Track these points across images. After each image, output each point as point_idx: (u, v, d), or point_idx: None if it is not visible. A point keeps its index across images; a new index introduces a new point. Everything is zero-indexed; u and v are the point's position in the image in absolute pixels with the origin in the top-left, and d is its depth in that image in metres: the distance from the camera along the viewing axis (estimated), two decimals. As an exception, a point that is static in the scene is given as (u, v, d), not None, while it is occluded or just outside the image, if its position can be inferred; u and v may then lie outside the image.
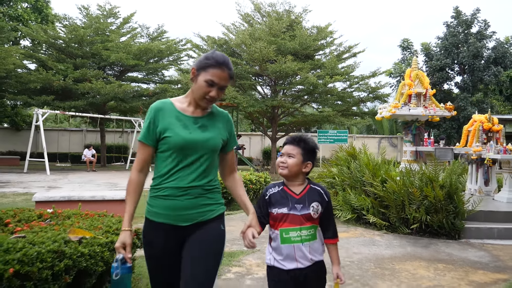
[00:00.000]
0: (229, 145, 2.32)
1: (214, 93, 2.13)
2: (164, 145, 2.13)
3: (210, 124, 2.21)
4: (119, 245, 2.08)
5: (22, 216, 3.86)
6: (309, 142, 2.31)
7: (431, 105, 8.25)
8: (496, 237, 6.16)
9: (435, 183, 6.25)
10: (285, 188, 2.29)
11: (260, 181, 9.77)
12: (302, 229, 2.19)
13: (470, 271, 4.55)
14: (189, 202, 2.10)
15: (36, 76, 18.29)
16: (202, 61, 2.15)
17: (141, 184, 2.19)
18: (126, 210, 2.14)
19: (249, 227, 2.12)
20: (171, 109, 2.19)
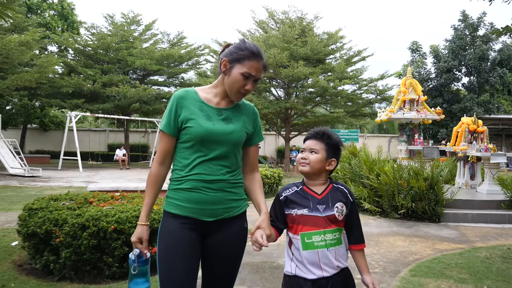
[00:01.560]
0: (253, 139, 2.19)
1: (250, 86, 2.04)
2: (186, 136, 2.01)
3: (235, 117, 2.09)
4: (135, 240, 2.01)
5: (100, 197, 5.25)
6: (334, 137, 2.09)
7: (423, 110, 9.53)
8: (470, 221, 7.42)
9: (419, 176, 7.54)
10: (305, 187, 2.06)
11: (274, 176, 11.12)
12: (327, 232, 1.96)
13: (437, 243, 5.85)
14: (214, 196, 1.98)
15: (68, 81, 19.93)
16: (235, 52, 2.02)
17: (162, 177, 2.08)
18: (144, 203, 2.05)
19: (259, 228, 1.93)
20: (194, 98, 2.07)
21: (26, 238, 4.19)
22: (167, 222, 2.01)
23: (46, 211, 4.21)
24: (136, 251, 2.01)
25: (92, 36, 23.04)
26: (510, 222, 7.39)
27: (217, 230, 2.01)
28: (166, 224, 2.01)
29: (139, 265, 2.02)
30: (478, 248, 5.53)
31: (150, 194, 2.04)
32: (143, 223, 2.02)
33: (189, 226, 1.97)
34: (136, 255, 2.00)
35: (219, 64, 2.08)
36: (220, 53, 2.11)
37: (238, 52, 2.00)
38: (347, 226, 2.05)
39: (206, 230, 2.01)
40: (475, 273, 4.43)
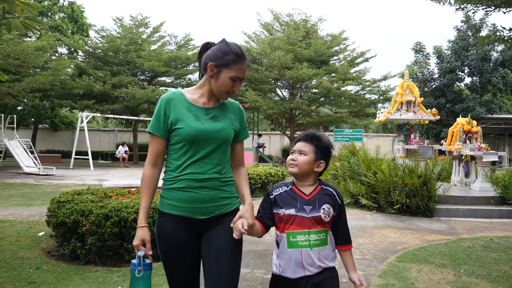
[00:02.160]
0: (240, 136, 2.25)
1: (237, 87, 2.12)
2: (176, 137, 2.07)
3: (222, 115, 2.15)
4: (138, 243, 2.02)
5: (117, 192, 5.79)
6: (323, 139, 2.14)
7: (419, 111, 10.01)
8: (461, 216, 7.90)
9: (413, 174, 8.03)
10: (294, 188, 2.12)
11: (278, 174, 11.63)
12: (311, 233, 2.01)
13: (426, 234, 6.35)
14: (207, 195, 2.04)
15: (79, 82, 20.56)
16: (221, 57, 2.07)
17: (156, 179, 2.12)
18: (141, 206, 2.08)
19: (241, 217, 1.98)
20: (182, 100, 2.12)
21: (55, 227, 4.74)
22: (162, 221, 2.09)
23: (72, 203, 4.75)
24: (142, 253, 2.00)
25: (102, 39, 23.66)
26: (499, 217, 7.86)
27: (212, 227, 2.07)
28: (161, 224, 2.09)
29: (145, 268, 1.99)
30: (463, 239, 6.02)
31: (146, 196, 2.08)
32: (143, 225, 2.04)
33: (182, 226, 2.04)
34: (142, 256, 1.99)
35: (202, 65, 2.14)
36: (200, 53, 2.18)
37: (224, 57, 2.05)
38: (334, 227, 2.09)
39: (200, 228, 2.07)
40: (456, 259, 4.93)
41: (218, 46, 2.10)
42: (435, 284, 4.06)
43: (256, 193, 10.64)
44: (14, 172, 16.13)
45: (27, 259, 4.66)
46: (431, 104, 26.69)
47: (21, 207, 8.13)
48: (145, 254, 2.00)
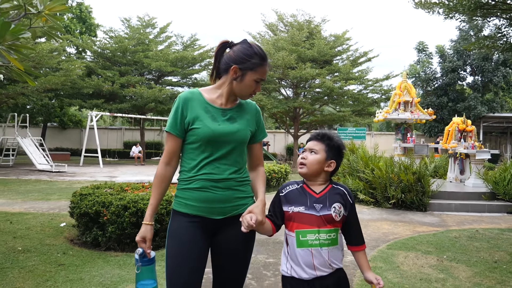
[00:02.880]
0: (257, 136, 2.24)
1: (259, 89, 2.14)
2: (193, 137, 2.06)
3: (239, 116, 2.14)
4: (139, 239, 2.03)
5: (132, 186, 6.31)
6: (335, 138, 2.11)
7: (416, 111, 10.47)
8: (453, 210, 8.37)
9: (408, 170, 8.51)
10: (304, 186, 2.09)
11: (281, 171, 12.13)
12: (321, 232, 1.96)
13: (418, 226, 6.83)
14: (223, 195, 2.04)
15: (88, 82, 21.15)
16: (246, 60, 2.06)
17: (168, 178, 2.12)
18: (150, 203, 2.08)
19: (250, 212, 1.95)
20: (199, 100, 2.12)
21: (78, 218, 5.27)
22: (176, 220, 2.07)
23: (93, 196, 5.28)
24: (139, 250, 2.01)
25: (110, 39, 24.23)
26: (489, 211, 8.32)
27: (225, 228, 2.07)
28: (175, 223, 2.06)
29: (143, 264, 2.01)
30: (451, 231, 6.50)
31: (156, 195, 2.08)
32: (148, 222, 2.04)
33: (197, 225, 2.03)
34: (139, 254, 2.00)
35: (223, 67, 2.11)
36: (218, 52, 2.16)
37: (249, 60, 2.04)
38: (346, 227, 2.06)
39: (215, 228, 2.06)
40: (440, 247, 5.42)
41: (242, 48, 2.08)
42: (419, 267, 4.55)
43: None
44: (27, 169, 16.73)
45: (53, 246, 5.19)
46: (433, 103, 27.09)
47: (39, 201, 8.68)
48: (143, 252, 2.00)
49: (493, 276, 4.29)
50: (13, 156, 18.70)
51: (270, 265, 4.60)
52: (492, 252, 5.24)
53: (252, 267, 4.46)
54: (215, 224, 2.05)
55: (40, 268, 4.32)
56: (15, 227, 6.07)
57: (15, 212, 7.20)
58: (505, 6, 4.86)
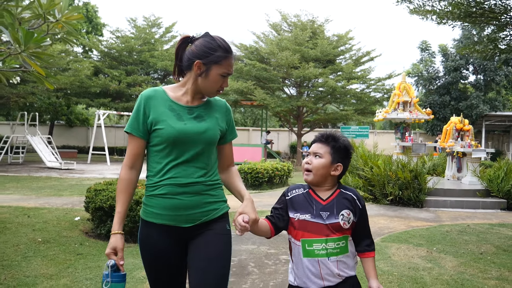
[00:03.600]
0: (227, 137, 2.12)
1: (226, 83, 2.01)
2: (157, 138, 1.92)
3: (207, 114, 2.01)
4: (110, 251, 1.86)
5: (141, 183, 6.69)
6: (340, 140, 1.99)
7: (415, 110, 10.81)
8: (448, 207, 8.71)
9: (405, 168, 8.86)
10: (310, 191, 1.98)
11: (284, 169, 12.49)
12: (329, 241, 1.87)
13: (412, 221, 7.18)
14: (191, 201, 1.90)
15: (96, 82, 21.60)
16: (209, 53, 1.93)
17: (133, 182, 1.98)
18: (117, 210, 1.93)
19: (241, 213, 1.85)
20: (163, 98, 1.98)
21: (93, 211, 5.66)
22: (145, 229, 1.96)
23: (107, 191, 5.67)
24: (111, 262, 1.82)
25: (117, 39, 24.68)
26: (483, 207, 8.67)
27: (198, 235, 1.94)
28: (144, 233, 1.96)
29: (114, 280, 1.81)
30: (444, 225, 6.86)
31: (122, 201, 1.93)
32: (116, 231, 1.88)
33: (167, 234, 1.91)
34: (110, 265, 1.80)
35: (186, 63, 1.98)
36: (179, 48, 2.03)
37: (213, 53, 1.92)
38: (355, 233, 1.95)
39: (186, 236, 1.94)
40: (432, 240, 5.78)
41: (204, 41, 1.95)
42: (409, 258, 4.92)
43: (264, 187, 11.54)
44: (37, 167, 17.18)
45: (70, 237, 5.59)
46: (435, 102, 27.36)
47: (52, 197, 9.09)
48: (115, 264, 1.83)
49: (477, 265, 4.65)
50: (23, 154, 19.16)
51: (272, 255, 4.97)
52: (480, 244, 5.59)
53: (255, 257, 4.84)
54: (185, 233, 1.92)
55: (61, 257, 4.71)
56: (33, 220, 6.48)
57: (31, 207, 7.61)
58: (492, 15, 5.21)
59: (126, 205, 1.94)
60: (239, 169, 11.43)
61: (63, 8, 4.36)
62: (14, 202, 8.18)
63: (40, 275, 4.10)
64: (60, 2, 4.16)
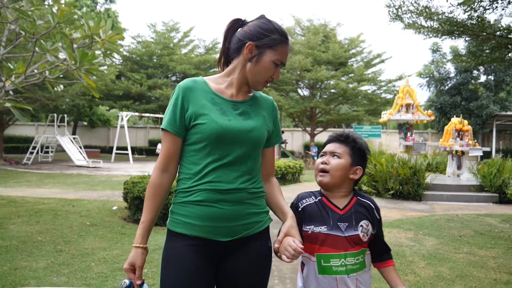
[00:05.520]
0: (272, 139, 1.83)
1: (277, 75, 1.72)
2: (196, 135, 1.63)
3: (253, 111, 1.73)
4: (127, 267, 1.59)
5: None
6: (360, 141, 1.79)
7: (417, 112, 11.67)
8: (445, 200, 9.58)
9: (405, 165, 9.75)
10: (324, 199, 1.75)
11: (296, 166, 13.44)
12: (348, 255, 1.65)
13: (408, 212, 8.09)
14: (232, 210, 1.60)
15: (119, 85, 22.85)
16: (264, 35, 1.65)
17: (166, 188, 1.67)
18: (142, 220, 1.64)
19: (287, 235, 1.60)
20: (204, 90, 1.68)
21: (131, 200, 6.71)
22: (171, 243, 1.65)
23: (142, 183, 6.71)
24: (126, 282, 1.59)
25: (138, 44, 25.93)
26: (476, 201, 9.50)
27: (234, 253, 1.66)
28: (170, 247, 1.66)
29: None
30: (435, 215, 7.74)
31: (150, 209, 1.66)
32: (138, 244, 1.63)
33: (199, 249, 1.62)
34: (125, 286, 1.58)
35: (235, 46, 1.71)
36: (229, 31, 1.76)
37: (268, 35, 1.66)
38: (374, 246, 1.77)
39: (221, 252, 1.65)
40: (420, 226, 6.69)
41: (259, 22, 1.69)
42: (397, 238, 5.85)
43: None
44: (66, 165, 18.44)
45: (112, 222, 6.64)
46: (446, 102, 27.98)
47: (88, 191, 10.21)
48: (130, 284, 1.60)
49: (453, 244, 5.56)
50: (52, 153, 20.47)
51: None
52: (461, 230, 6.49)
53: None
54: (221, 248, 1.63)
55: (108, 235, 5.76)
56: (77, 209, 7.57)
57: (73, 199, 8.71)
58: (471, 32, 6.07)
59: (153, 215, 1.65)
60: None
61: (107, 29, 5.40)
62: (56, 194, 9.32)
63: (95, 248, 5.14)
64: (104, 25, 5.20)
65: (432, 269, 4.49)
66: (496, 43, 6.36)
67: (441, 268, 4.53)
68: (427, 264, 4.64)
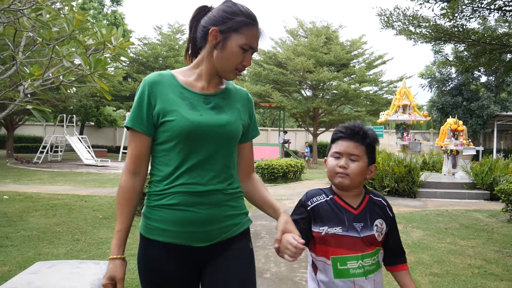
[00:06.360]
0: (249, 133, 1.72)
1: (248, 61, 1.58)
2: (165, 133, 1.51)
3: (226, 104, 1.62)
4: (106, 282, 1.45)
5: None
6: (372, 135, 1.67)
7: (414, 113, 12.11)
8: (438, 197, 10.02)
9: (401, 164, 10.20)
10: (336, 198, 1.65)
11: (297, 165, 13.91)
12: (365, 256, 1.58)
13: (402, 207, 8.54)
14: (208, 214, 1.50)
15: (126, 86, 23.42)
16: (228, 18, 1.53)
17: (138, 191, 1.57)
18: (117, 228, 1.51)
19: (285, 232, 1.50)
20: (172, 84, 1.57)
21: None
22: (145, 248, 1.55)
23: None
24: None
25: (144, 46, 26.51)
26: (468, 198, 9.94)
27: (215, 257, 1.56)
28: (144, 254, 1.55)
29: None
30: (426, 210, 8.19)
31: (125, 216, 1.52)
32: (115, 256, 1.47)
33: (175, 255, 1.52)
34: None
35: (200, 34, 1.60)
36: (194, 20, 1.64)
37: (232, 18, 1.53)
38: (386, 245, 1.71)
39: (199, 258, 1.55)
40: (410, 220, 7.15)
41: (223, 6, 1.59)
42: (386, 230, 6.31)
43: (278, 181, 13.00)
44: (75, 164, 19.01)
45: (123, 215, 7.14)
46: (448, 103, 28.35)
47: (98, 188, 10.74)
48: None
49: (437, 236, 6.02)
50: (61, 152, 21.06)
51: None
52: (448, 223, 6.94)
53: (267, 228, 6.30)
54: (199, 254, 1.54)
55: (120, 227, 6.26)
56: (89, 204, 8.08)
57: (84, 195, 9.24)
58: (456, 39, 6.52)
59: (127, 222, 1.53)
60: (257, 165, 12.91)
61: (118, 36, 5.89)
62: (69, 191, 9.85)
63: (109, 237, 5.64)
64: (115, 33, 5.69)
65: (414, 256, 4.96)
66: (481, 48, 6.78)
67: (423, 255, 5.00)
68: (410, 252, 5.11)
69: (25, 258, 4.60)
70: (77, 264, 2.75)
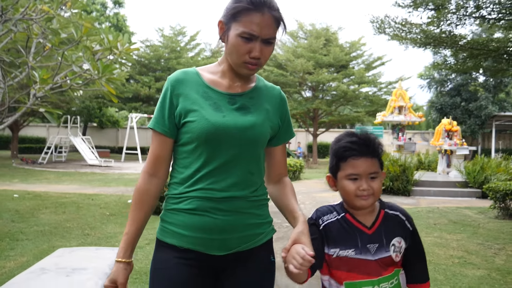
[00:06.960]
0: (281, 136, 1.60)
1: (257, 52, 1.40)
2: (186, 135, 1.44)
3: (254, 105, 1.50)
4: (108, 284, 1.42)
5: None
6: (380, 143, 1.52)
7: (409, 114, 12.49)
8: (432, 195, 10.38)
9: (395, 163, 10.56)
10: (348, 216, 1.50)
11: (296, 165, 14.26)
12: (382, 281, 1.44)
13: (395, 205, 8.89)
14: (227, 220, 1.41)
15: (128, 87, 23.82)
16: (230, 7, 1.42)
17: (154, 195, 1.49)
18: (126, 231, 1.47)
19: (296, 243, 1.35)
20: (196, 82, 1.49)
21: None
22: (161, 254, 1.47)
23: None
24: None
25: (146, 48, 26.91)
26: (461, 196, 10.30)
27: (233, 268, 1.47)
28: (159, 258, 1.47)
29: None
30: (418, 208, 8.56)
31: (136, 218, 1.47)
32: (121, 259, 1.43)
33: (191, 263, 1.43)
34: None
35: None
36: None
37: (232, 5, 1.41)
38: (408, 261, 1.52)
39: (217, 267, 1.46)
40: (402, 216, 7.50)
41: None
42: (378, 226, 6.67)
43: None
44: (79, 164, 19.42)
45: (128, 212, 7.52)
46: (446, 103, 28.69)
47: (103, 187, 11.13)
48: None
49: (426, 230, 6.39)
50: (65, 153, 21.48)
51: (279, 223, 6.79)
52: (438, 219, 7.31)
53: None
54: (216, 263, 1.46)
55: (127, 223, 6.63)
56: (97, 202, 8.47)
57: (91, 194, 9.62)
58: (444, 44, 6.88)
59: (139, 225, 1.48)
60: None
61: (124, 42, 6.27)
62: (75, 190, 10.24)
63: (117, 232, 6.02)
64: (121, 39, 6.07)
65: (401, 248, 5.32)
66: (469, 53, 7.15)
67: (409, 247, 5.36)
68: (398, 245, 5.47)
69: (41, 250, 4.99)
70: (94, 250, 3.13)
